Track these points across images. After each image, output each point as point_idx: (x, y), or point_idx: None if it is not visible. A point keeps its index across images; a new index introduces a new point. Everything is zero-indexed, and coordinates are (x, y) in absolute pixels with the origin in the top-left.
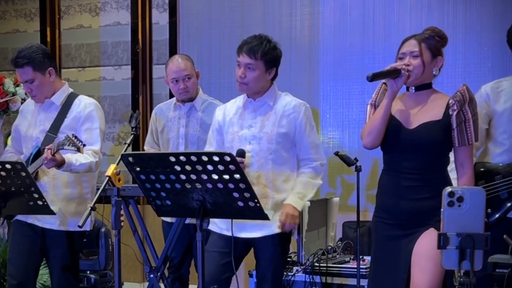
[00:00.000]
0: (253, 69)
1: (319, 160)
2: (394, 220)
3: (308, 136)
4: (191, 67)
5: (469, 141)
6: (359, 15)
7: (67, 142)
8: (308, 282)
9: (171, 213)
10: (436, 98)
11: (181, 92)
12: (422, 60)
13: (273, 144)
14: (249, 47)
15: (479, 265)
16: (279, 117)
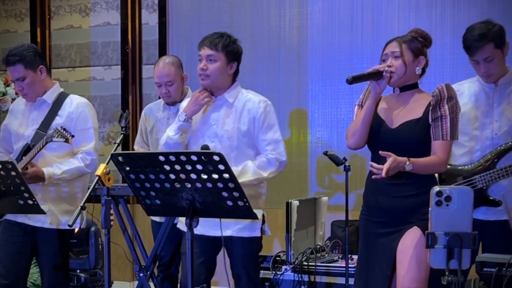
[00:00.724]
0: (214, 61)
1: (276, 155)
2: (379, 218)
3: (265, 132)
4: (174, 73)
5: (443, 136)
6: (347, 15)
7: (55, 134)
8: (297, 281)
9: (160, 212)
10: (419, 98)
11: (164, 96)
12: (403, 60)
13: (234, 142)
14: (210, 40)
15: (467, 264)
16: (239, 114)
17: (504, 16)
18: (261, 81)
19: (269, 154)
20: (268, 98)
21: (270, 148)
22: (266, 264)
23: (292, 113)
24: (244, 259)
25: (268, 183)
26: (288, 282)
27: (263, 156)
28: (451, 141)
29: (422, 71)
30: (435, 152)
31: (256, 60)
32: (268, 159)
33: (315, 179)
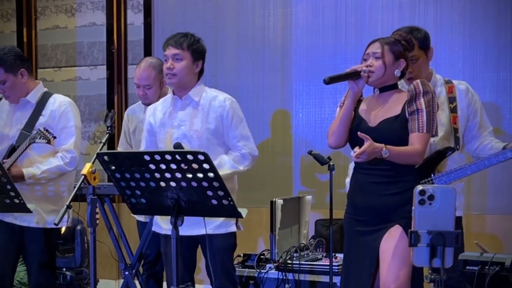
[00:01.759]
0: (180, 59)
1: (248, 150)
2: (362, 216)
3: (235, 128)
4: (154, 77)
5: (419, 129)
6: (331, 15)
7: (38, 136)
8: (281, 279)
9: (146, 211)
10: (398, 97)
11: (141, 97)
12: (383, 61)
13: (204, 141)
14: (175, 39)
15: (450, 263)
16: (206, 113)
17: (486, 16)
18: (245, 81)
19: (242, 149)
20: (253, 97)
21: (241, 144)
22: (250, 263)
23: (276, 112)
24: (221, 255)
25: (253, 182)
26: (272, 281)
27: (237, 151)
28: (428, 135)
29: (402, 74)
30: (413, 144)
31: (241, 60)
32: (241, 154)
33: (299, 178)
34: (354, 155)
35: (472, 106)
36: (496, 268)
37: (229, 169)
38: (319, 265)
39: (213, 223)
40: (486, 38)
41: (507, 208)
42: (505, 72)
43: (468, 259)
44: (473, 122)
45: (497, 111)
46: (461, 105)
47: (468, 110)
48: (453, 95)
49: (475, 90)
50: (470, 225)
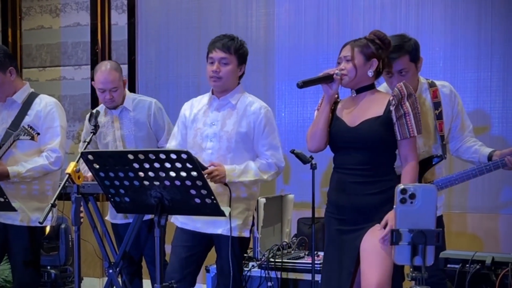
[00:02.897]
0: (227, 64)
1: (275, 160)
2: (342, 215)
3: (265, 137)
4: (118, 78)
5: (410, 133)
6: (313, 16)
7: (22, 133)
8: (264, 277)
9: (129, 209)
10: (378, 97)
11: (107, 101)
12: (353, 64)
13: (233, 143)
14: (222, 42)
15: (431, 261)
16: (240, 117)
17: (467, 17)
18: None
19: (269, 158)
20: None
21: (269, 153)
22: None
23: None
24: (231, 258)
25: None
26: (255, 279)
27: (263, 159)
28: (417, 136)
29: (379, 72)
30: (403, 152)
31: None
32: (268, 163)
33: (282, 177)
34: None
35: (455, 108)
36: (477, 266)
37: (253, 176)
38: (301, 263)
39: (228, 225)
40: (467, 38)
41: (488, 207)
42: (486, 72)
43: (449, 257)
44: (455, 123)
45: (477, 110)
46: (446, 110)
47: (452, 112)
48: (438, 100)
49: (456, 90)
50: (451, 224)
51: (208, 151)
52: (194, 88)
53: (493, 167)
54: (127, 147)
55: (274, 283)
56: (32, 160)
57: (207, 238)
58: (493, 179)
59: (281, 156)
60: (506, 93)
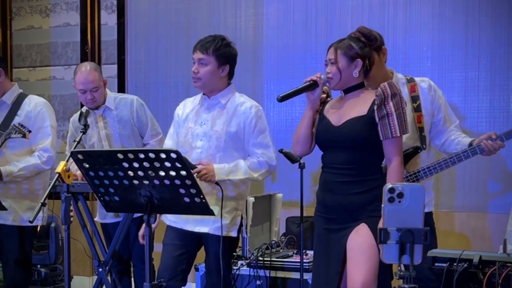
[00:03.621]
0: (205, 64)
1: (266, 159)
2: (330, 215)
3: (256, 136)
4: (98, 78)
5: (392, 134)
6: (302, 16)
7: (13, 131)
8: (253, 276)
9: (119, 208)
10: (364, 96)
11: (88, 102)
12: (337, 67)
13: (222, 142)
14: (202, 43)
15: (419, 259)
16: (230, 116)
17: (454, 17)
18: None
19: (259, 157)
20: None
21: (260, 152)
22: None
23: None
24: (219, 257)
25: None
26: (244, 277)
27: (254, 158)
28: (401, 137)
29: (368, 70)
30: (387, 153)
31: None
32: (259, 162)
33: (271, 176)
34: None
35: (436, 102)
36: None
37: (242, 174)
38: (290, 262)
39: (215, 223)
40: (454, 38)
41: (475, 206)
42: (473, 71)
43: (437, 256)
44: (437, 118)
45: (464, 110)
46: (425, 103)
47: (433, 106)
48: (416, 94)
49: (443, 90)
50: (439, 223)
51: (197, 150)
52: (184, 88)
53: (471, 153)
54: (113, 146)
55: (263, 281)
56: (24, 160)
57: (196, 237)
58: (481, 178)
59: (273, 155)
60: (493, 93)
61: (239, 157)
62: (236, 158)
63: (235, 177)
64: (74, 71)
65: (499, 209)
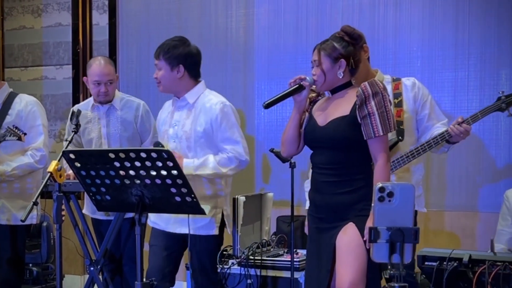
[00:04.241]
0: (159, 69)
1: (235, 154)
2: (319, 214)
3: (223, 132)
4: (113, 72)
5: (374, 133)
6: (292, 16)
7: (8, 134)
8: (243, 275)
9: (110, 208)
10: (348, 96)
11: (101, 95)
12: (321, 69)
13: (192, 142)
14: (156, 50)
15: (409, 258)
16: (197, 115)
17: (444, 17)
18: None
19: (229, 152)
20: None
21: (229, 147)
22: None
23: (239, 111)
24: (201, 256)
25: None
26: (235, 276)
27: (224, 154)
28: (385, 135)
29: (354, 68)
30: (372, 152)
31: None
32: (228, 157)
33: (261, 175)
34: None
35: (420, 99)
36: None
37: (211, 169)
38: (280, 261)
39: (195, 224)
40: (444, 38)
41: (465, 205)
42: (463, 71)
43: (427, 255)
44: (421, 115)
45: (454, 110)
46: (407, 100)
47: (416, 103)
48: (399, 91)
49: (433, 90)
50: (429, 222)
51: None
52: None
53: (440, 139)
54: (112, 145)
55: (253, 280)
56: (17, 159)
57: (179, 238)
58: (471, 177)
59: (242, 150)
60: (483, 93)
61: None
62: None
63: (204, 172)
64: (88, 64)
65: (489, 208)
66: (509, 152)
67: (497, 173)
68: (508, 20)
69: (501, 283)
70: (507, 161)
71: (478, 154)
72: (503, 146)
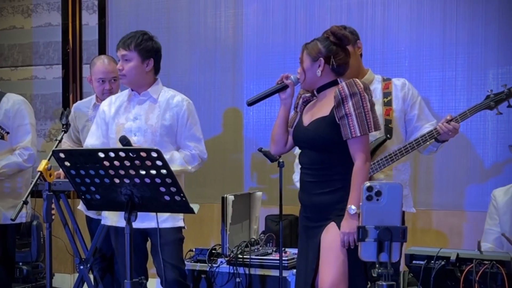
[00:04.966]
0: (128, 60)
1: (198, 152)
2: (307, 213)
3: (188, 129)
4: (116, 69)
5: (352, 134)
6: (281, 16)
7: None
8: (232, 273)
9: (100, 207)
10: (329, 96)
11: (105, 93)
12: (302, 67)
13: (157, 136)
14: (123, 40)
15: (397, 257)
16: (163, 110)
17: (432, 17)
18: (197, 80)
19: (192, 150)
20: (205, 96)
21: (192, 145)
22: (202, 257)
23: (228, 111)
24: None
25: (204, 178)
26: (223, 275)
27: (187, 151)
28: (363, 136)
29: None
30: (352, 154)
31: (193, 60)
32: (192, 154)
33: (250, 174)
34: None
35: (409, 100)
36: (442, 263)
37: (179, 166)
38: (269, 260)
39: (160, 217)
40: (432, 38)
41: (452, 204)
42: (450, 71)
43: (415, 254)
44: (411, 115)
45: (442, 109)
46: (396, 99)
47: (405, 104)
48: (389, 90)
49: (421, 89)
50: (417, 220)
51: (133, 145)
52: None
53: (428, 137)
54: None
55: (242, 279)
56: (5, 158)
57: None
58: (458, 177)
59: (204, 148)
60: (471, 93)
61: (173, 150)
62: (171, 151)
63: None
64: (91, 63)
65: (476, 207)
66: (496, 152)
67: (484, 173)
68: (495, 20)
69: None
70: (494, 160)
71: (466, 153)
72: (490, 146)
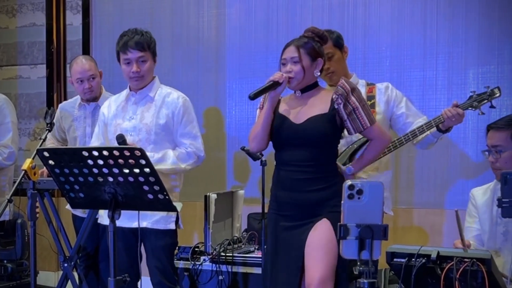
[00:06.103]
0: (145, 61)
1: (194, 149)
2: (287, 212)
3: (184, 127)
4: (95, 67)
5: (363, 126)
6: (263, 16)
7: None
8: (215, 271)
9: (84, 205)
10: (321, 95)
11: (86, 92)
12: (302, 66)
13: (152, 135)
14: (135, 41)
15: (378, 255)
16: (158, 108)
17: (413, 17)
18: (180, 80)
19: (188, 147)
20: (188, 95)
21: (188, 142)
22: (185, 255)
23: (210, 109)
24: (158, 251)
25: (187, 177)
26: (206, 272)
27: (183, 149)
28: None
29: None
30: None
31: (176, 59)
32: (187, 152)
33: (233, 173)
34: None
35: (393, 101)
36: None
37: (170, 164)
38: (251, 257)
39: (152, 217)
40: (413, 37)
41: (433, 202)
42: (431, 71)
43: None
44: (398, 114)
45: (422, 108)
46: (380, 102)
47: (389, 106)
48: (372, 94)
49: (402, 89)
50: (398, 219)
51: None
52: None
53: (434, 123)
54: None
55: (225, 276)
56: None
57: (134, 232)
58: (438, 175)
59: (200, 146)
60: (451, 92)
61: (170, 148)
62: (168, 149)
63: (163, 167)
64: (70, 65)
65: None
66: (477, 151)
67: (464, 171)
68: (475, 20)
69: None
70: (474, 159)
71: (446, 152)
72: (471, 145)
